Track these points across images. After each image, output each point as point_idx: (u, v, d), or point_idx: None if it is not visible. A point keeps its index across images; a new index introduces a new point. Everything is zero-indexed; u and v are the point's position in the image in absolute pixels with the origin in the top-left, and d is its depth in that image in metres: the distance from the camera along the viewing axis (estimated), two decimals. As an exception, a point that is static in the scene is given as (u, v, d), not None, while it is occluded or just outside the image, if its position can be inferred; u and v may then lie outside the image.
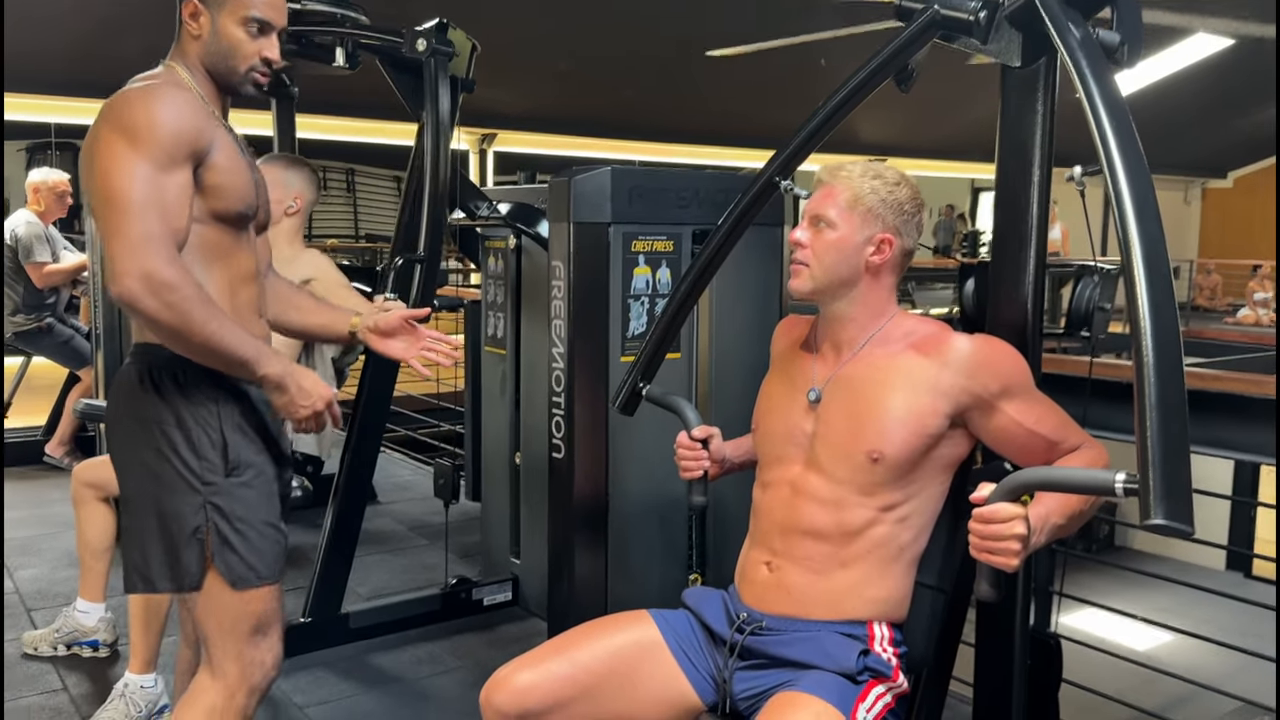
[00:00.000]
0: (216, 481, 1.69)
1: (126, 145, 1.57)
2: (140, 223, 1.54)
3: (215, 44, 1.73)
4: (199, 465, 1.68)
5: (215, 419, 1.70)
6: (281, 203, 2.90)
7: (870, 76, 1.74)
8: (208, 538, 1.68)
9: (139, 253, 1.53)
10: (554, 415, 2.55)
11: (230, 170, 1.70)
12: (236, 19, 1.72)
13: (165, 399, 1.68)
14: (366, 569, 3.75)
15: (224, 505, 1.69)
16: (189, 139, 1.62)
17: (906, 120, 12.39)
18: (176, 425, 1.68)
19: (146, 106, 1.60)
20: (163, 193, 1.58)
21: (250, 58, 1.74)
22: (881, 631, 1.63)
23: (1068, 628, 2.49)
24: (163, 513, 1.69)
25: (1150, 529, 1.17)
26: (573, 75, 10.08)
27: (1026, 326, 1.72)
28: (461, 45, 2.73)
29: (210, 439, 1.69)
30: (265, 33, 1.75)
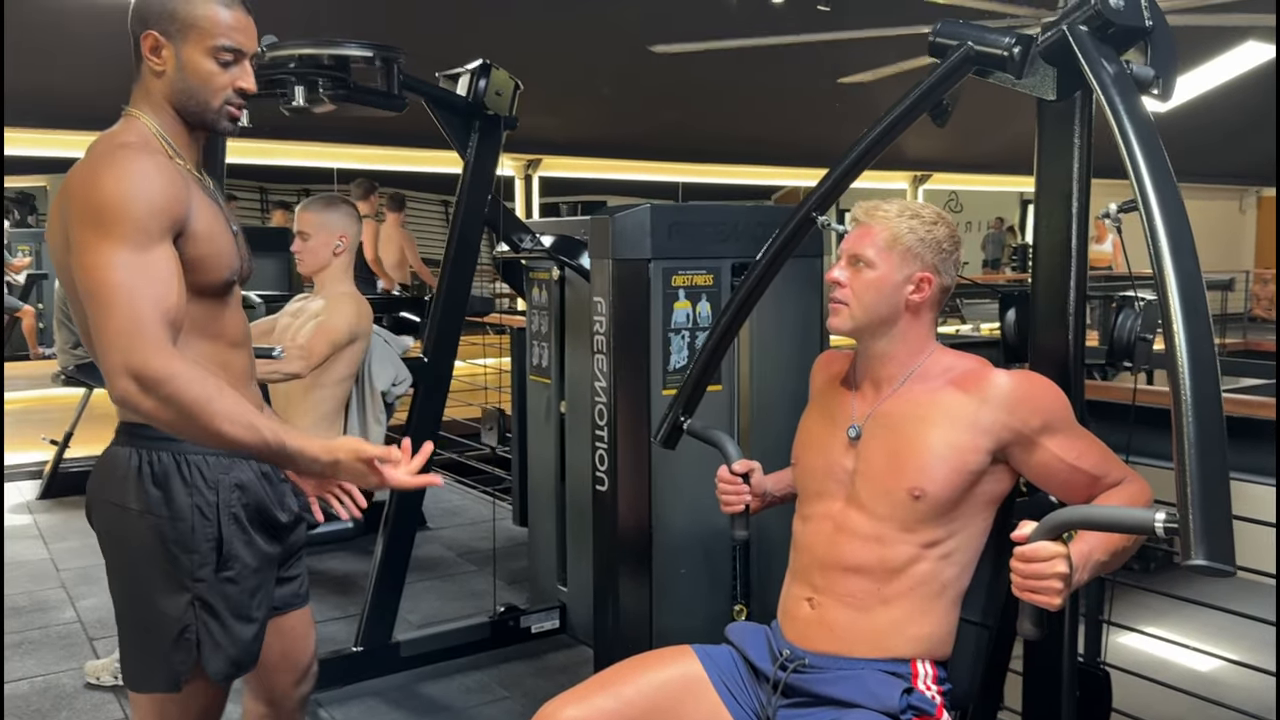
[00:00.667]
0: (206, 578, 1.58)
1: (99, 235, 1.42)
2: (122, 316, 1.40)
3: (182, 80, 1.55)
4: (188, 561, 1.57)
5: (212, 509, 1.59)
6: (328, 245, 2.95)
7: (906, 112, 1.75)
8: (195, 637, 1.58)
9: (125, 351, 1.39)
10: (597, 448, 2.58)
11: (211, 238, 1.56)
12: (204, 49, 1.54)
13: (159, 487, 1.56)
14: (416, 596, 3.79)
15: (213, 603, 1.59)
16: (164, 211, 1.47)
17: (952, 136, 12.30)
18: (171, 519, 1.56)
19: (115, 184, 1.45)
20: (145, 273, 1.43)
21: (223, 90, 1.57)
22: (925, 669, 1.62)
23: (1118, 655, 2.45)
24: (148, 613, 1.58)
25: (1191, 570, 1.16)
26: (614, 101, 10.16)
27: (1068, 357, 1.72)
28: (504, 85, 2.79)
29: (205, 532, 1.58)
30: (237, 61, 1.57)
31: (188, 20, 1.54)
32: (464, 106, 2.84)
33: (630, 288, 2.54)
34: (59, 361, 5.15)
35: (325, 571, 4.04)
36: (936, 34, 1.73)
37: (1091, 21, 1.55)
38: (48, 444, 5.32)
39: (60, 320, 5.06)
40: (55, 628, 3.51)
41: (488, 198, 2.96)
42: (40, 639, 3.41)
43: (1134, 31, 1.56)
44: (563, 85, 8.86)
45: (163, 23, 1.54)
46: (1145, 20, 1.56)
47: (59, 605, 3.72)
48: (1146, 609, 4.91)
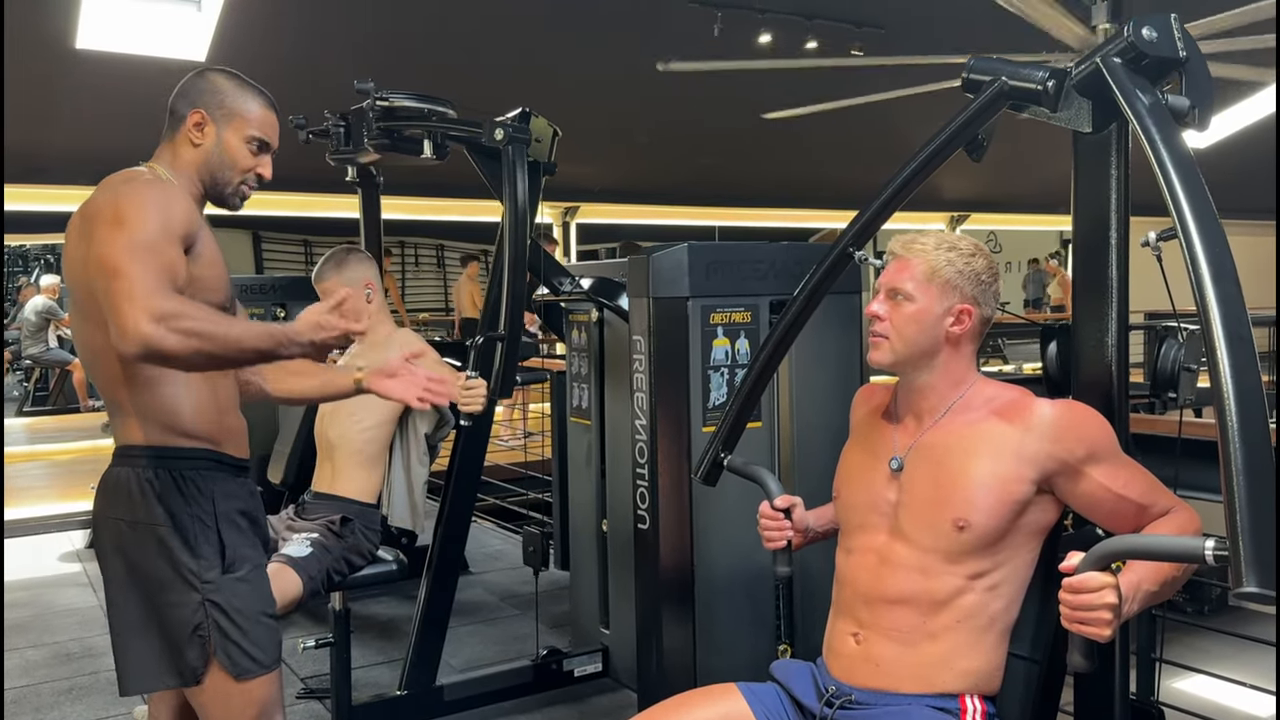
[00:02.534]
0: (214, 580, 1.75)
1: (117, 229, 1.61)
2: (138, 278, 1.55)
3: (217, 157, 1.82)
4: (196, 565, 1.73)
5: (212, 518, 1.77)
6: (360, 298, 2.99)
7: (941, 147, 1.76)
8: (209, 634, 1.74)
9: (142, 299, 1.54)
10: (638, 486, 2.58)
11: (211, 263, 1.77)
12: (241, 136, 1.82)
13: (162, 501, 1.73)
14: (459, 640, 3.79)
15: (223, 602, 1.75)
16: (177, 220, 1.68)
17: (988, 177, 12.28)
18: (174, 528, 1.73)
19: (135, 195, 1.67)
20: (158, 255, 1.61)
21: (245, 173, 1.85)
22: (974, 705, 1.60)
23: (1174, 695, 2.40)
24: (161, 614, 1.73)
25: (1242, 597, 1.15)
26: (650, 148, 10.27)
27: (1112, 388, 1.71)
28: (543, 131, 2.84)
29: (207, 538, 1.75)
30: (264, 151, 1.85)
31: (234, 110, 1.83)
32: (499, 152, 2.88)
33: (669, 326, 2.56)
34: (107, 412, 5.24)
35: (369, 616, 4.06)
36: (970, 70, 1.75)
37: (1125, 53, 1.55)
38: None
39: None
40: (105, 673, 3.54)
41: (529, 244, 3.00)
42: (90, 684, 3.45)
43: (1168, 63, 1.56)
44: (600, 134, 8.98)
45: (212, 107, 1.81)
46: (1180, 52, 1.56)
47: (108, 652, 3.72)
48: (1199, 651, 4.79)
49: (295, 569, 2.71)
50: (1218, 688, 3.94)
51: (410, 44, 7.54)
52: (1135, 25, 1.55)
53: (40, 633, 3.98)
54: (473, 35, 7.69)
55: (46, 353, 10.22)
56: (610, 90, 8.76)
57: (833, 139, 10.28)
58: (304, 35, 7.07)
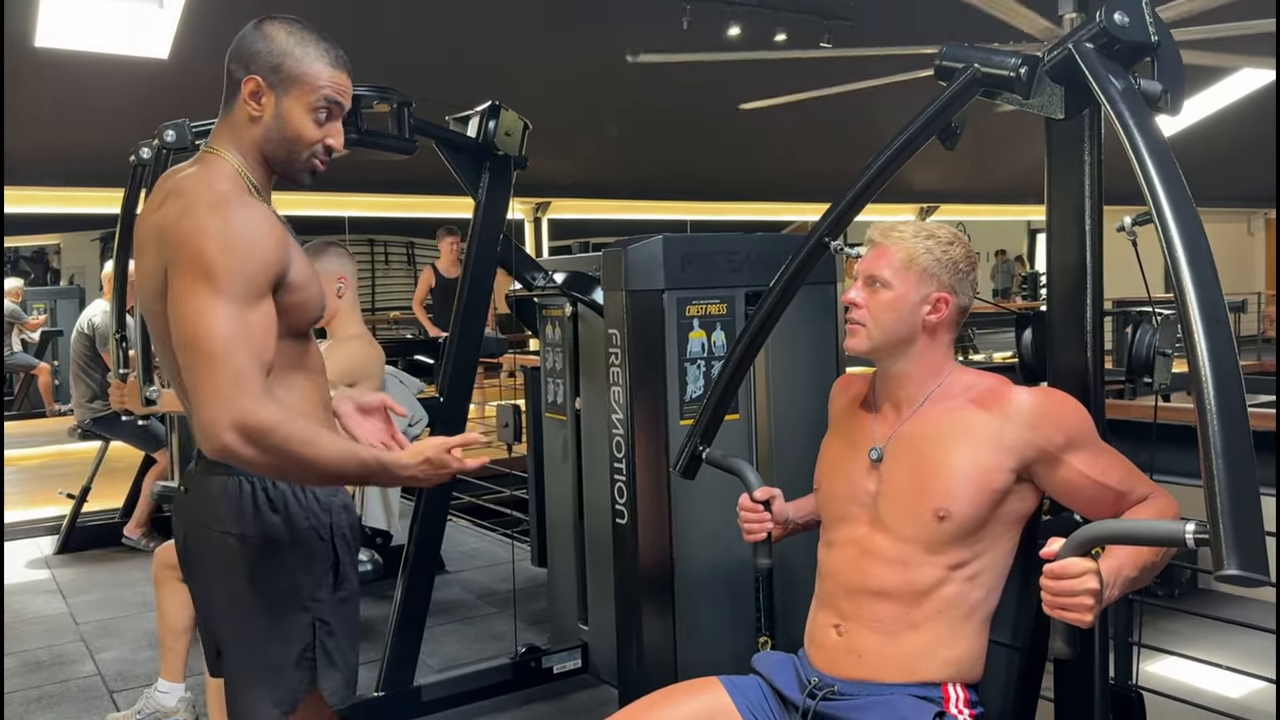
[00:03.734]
0: (325, 598, 1.62)
1: (204, 286, 1.43)
2: (227, 369, 1.41)
3: (278, 129, 1.57)
4: (308, 581, 1.61)
5: (326, 530, 1.63)
6: (331, 291, 2.95)
7: (914, 136, 1.76)
8: (316, 657, 1.60)
9: (228, 402, 1.39)
10: (616, 481, 2.57)
11: (307, 283, 1.59)
12: (305, 104, 1.56)
13: (279, 514, 1.59)
14: (436, 640, 3.77)
15: (332, 621, 1.62)
16: (271, 266, 1.49)
17: (958, 167, 12.37)
18: (291, 541, 1.59)
19: (225, 236, 1.45)
20: (249, 328, 1.44)
21: (313, 145, 1.59)
22: (957, 693, 1.60)
23: (1150, 679, 2.42)
24: (271, 634, 1.60)
25: (1224, 580, 1.15)
26: (621, 142, 10.26)
27: (1088, 375, 1.71)
28: (513, 125, 2.81)
29: (323, 553, 1.62)
30: (332, 118, 1.60)
31: (294, 74, 1.56)
32: (474, 147, 2.86)
33: (645, 319, 2.55)
34: (75, 416, 5.17)
35: (344, 617, 4.02)
36: (942, 57, 1.74)
37: (1097, 39, 1.55)
38: (65, 498, 5.33)
39: (77, 375, 5.09)
40: (75, 681, 3.49)
41: (500, 237, 2.98)
42: (60, 693, 3.40)
43: (1140, 47, 1.56)
44: (570, 128, 8.95)
45: (267, 72, 1.55)
46: (1151, 36, 1.56)
47: (79, 659, 3.71)
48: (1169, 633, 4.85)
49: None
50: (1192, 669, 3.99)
51: (376, 39, 7.49)
52: (1107, 10, 1.55)
53: (8, 641, 3.91)
54: (442, 30, 7.64)
55: (10, 357, 10.06)
56: (580, 84, 8.74)
57: (803, 132, 10.30)
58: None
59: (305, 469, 1.46)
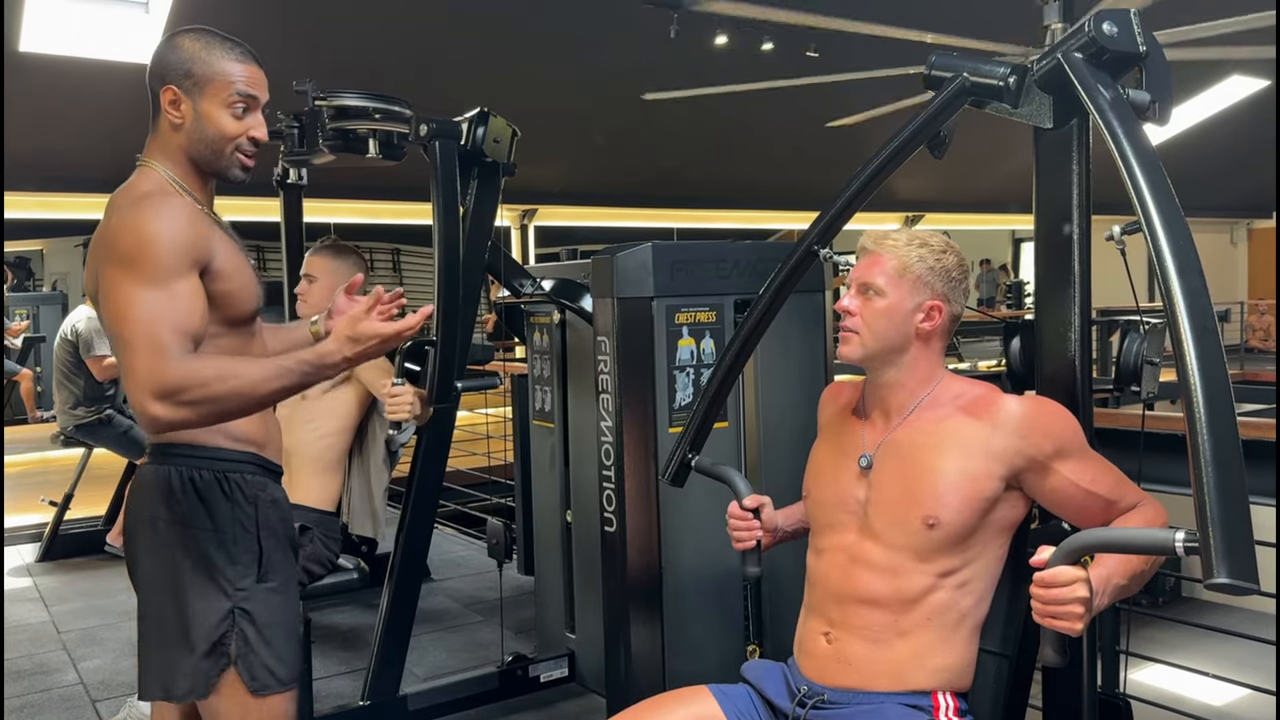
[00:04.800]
0: (248, 588, 1.67)
1: (125, 275, 1.53)
2: (146, 346, 1.48)
3: (199, 130, 1.66)
4: (231, 571, 1.66)
5: (252, 522, 1.69)
6: (333, 290, 2.97)
7: (903, 144, 1.76)
8: (231, 644, 1.66)
9: (148, 375, 1.47)
10: (604, 489, 2.56)
11: (235, 273, 1.66)
12: (220, 100, 1.65)
13: (204, 502, 1.66)
14: (423, 648, 3.75)
15: (253, 611, 1.67)
16: (186, 249, 1.57)
17: (943, 176, 12.43)
18: (214, 530, 1.66)
19: (139, 227, 1.55)
20: (169, 304, 1.52)
21: (235, 139, 1.68)
22: (946, 701, 1.60)
23: (1137, 687, 2.43)
24: (189, 619, 1.65)
25: (1214, 588, 1.15)
26: (609, 149, 10.27)
27: (1075, 383, 1.71)
28: (501, 132, 2.80)
29: (247, 543, 1.68)
30: (250, 111, 1.69)
31: (205, 76, 1.65)
32: (463, 154, 2.85)
33: (634, 326, 2.54)
34: (58, 423, 5.13)
35: (330, 626, 4.00)
36: (932, 66, 1.75)
37: (1086, 48, 1.56)
38: (47, 506, 5.28)
39: (60, 381, 5.05)
40: (58, 690, 3.46)
41: (488, 244, 2.97)
42: (42, 702, 3.36)
43: (1129, 57, 1.58)
44: (558, 135, 8.95)
45: (181, 79, 1.65)
46: (1140, 46, 1.57)
47: (61, 668, 3.67)
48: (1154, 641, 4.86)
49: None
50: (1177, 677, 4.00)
51: (366, 46, 7.48)
52: (1096, 20, 1.56)
53: (-11, 650, 3.87)
54: (433, 37, 7.64)
55: (-7, 363, 9.99)
56: (569, 91, 8.74)
57: (792, 141, 10.34)
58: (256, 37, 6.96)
59: (244, 400, 1.52)
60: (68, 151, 7.85)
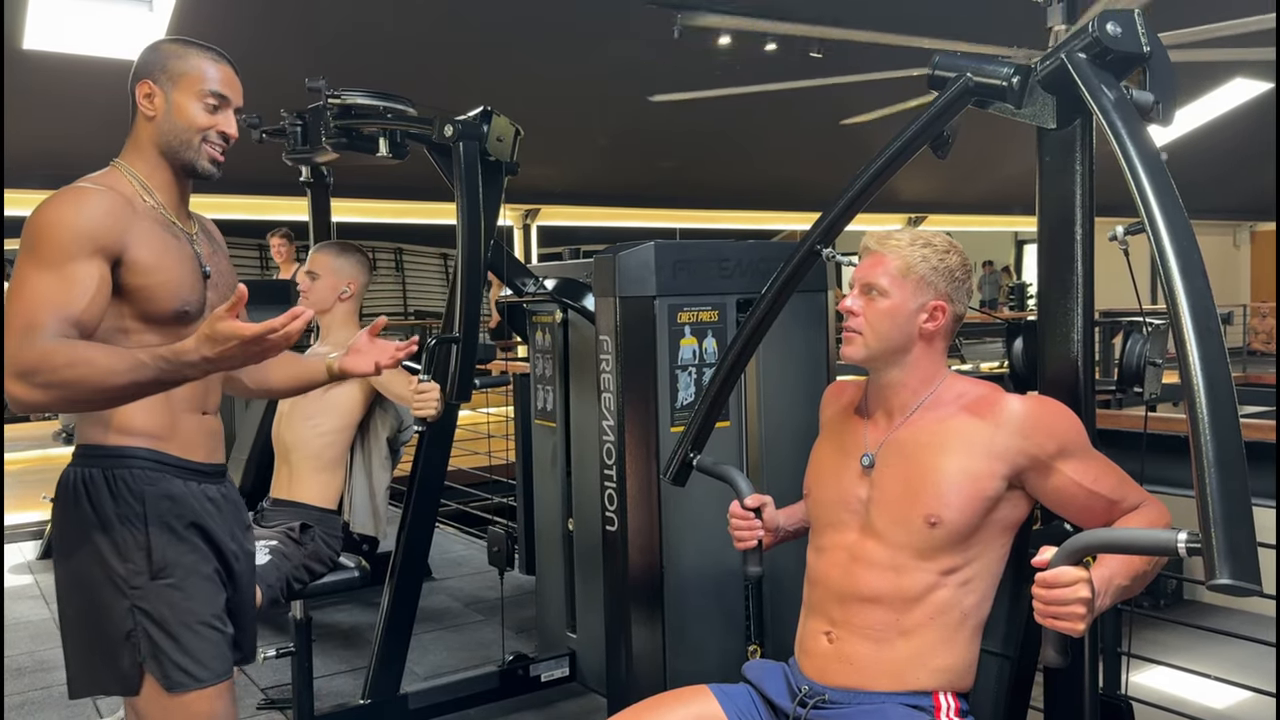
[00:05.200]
0: (142, 585, 1.66)
1: (24, 258, 1.55)
2: (21, 328, 1.48)
3: (170, 122, 1.71)
4: (124, 569, 1.66)
5: (140, 519, 1.68)
6: (335, 289, 2.98)
7: (906, 144, 1.76)
8: (139, 642, 1.66)
9: (11, 355, 1.47)
10: (606, 488, 2.56)
11: (157, 269, 1.65)
12: (193, 94, 1.71)
13: (93, 502, 1.67)
14: (423, 647, 3.75)
15: (150, 609, 1.66)
16: (88, 235, 1.57)
17: (945, 177, 12.42)
18: (102, 529, 1.66)
19: (46, 213, 1.58)
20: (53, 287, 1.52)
21: (205, 130, 1.72)
22: (948, 702, 1.60)
23: (1138, 689, 2.42)
24: (96, 618, 1.67)
25: (1217, 589, 1.15)
26: (611, 149, 10.27)
27: (1078, 384, 1.71)
28: (505, 131, 2.80)
29: (135, 540, 1.67)
30: (222, 108, 1.74)
31: (179, 71, 1.72)
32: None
33: (636, 325, 2.54)
34: (60, 420, 5.14)
35: (331, 624, 4.00)
36: (935, 66, 1.75)
37: (1090, 49, 1.56)
38: (47, 503, 5.28)
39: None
40: (58, 687, 3.46)
41: (490, 243, 2.97)
42: (43, 699, 3.36)
43: (1132, 58, 1.57)
44: (560, 135, 8.95)
45: (157, 74, 1.72)
46: (1143, 47, 1.57)
47: (61, 665, 3.65)
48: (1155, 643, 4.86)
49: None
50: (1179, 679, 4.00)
51: (370, 44, 7.48)
52: (1100, 21, 1.56)
53: (-10, 647, 3.87)
54: (434, 36, 7.64)
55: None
56: (571, 91, 8.74)
57: (794, 141, 10.33)
58: (260, 35, 6.98)
59: (94, 390, 1.48)
60: (70, 149, 7.82)
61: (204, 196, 1.88)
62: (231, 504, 1.86)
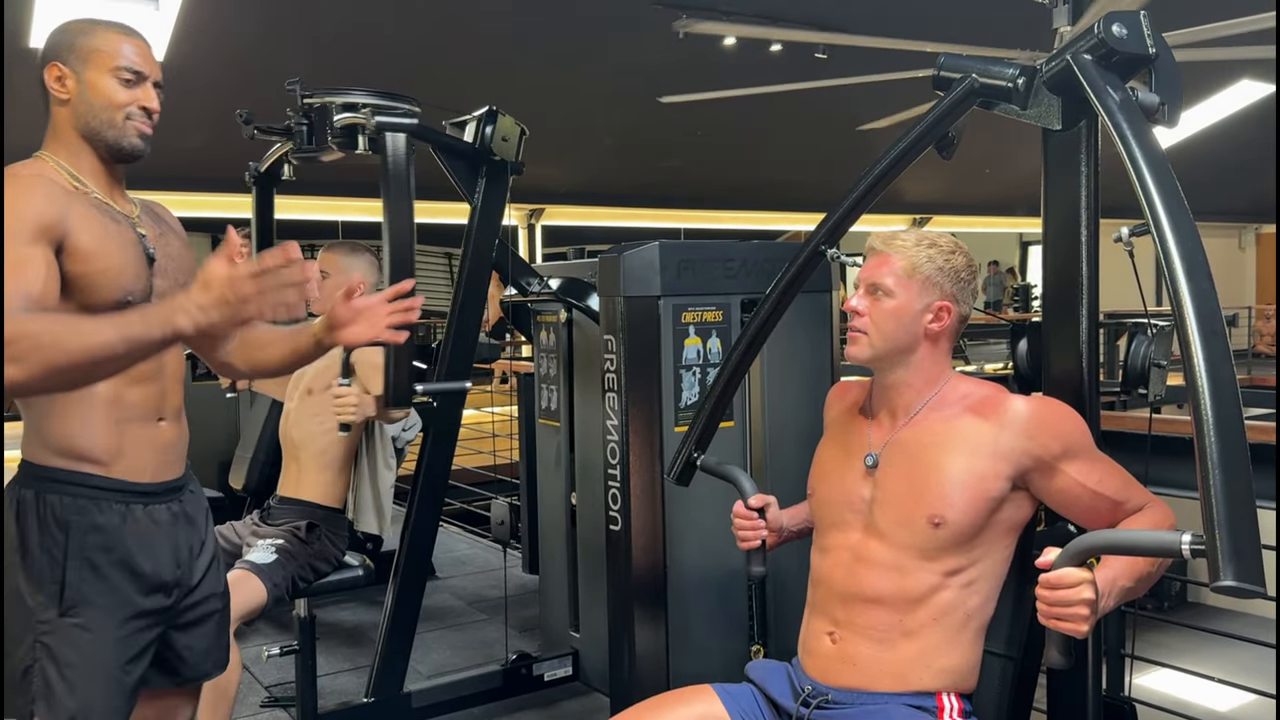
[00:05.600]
0: (49, 620, 1.54)
1: None
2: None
3: (85, 102, 1.61)
4: (34, 600, 1.54)
5: (60, 550, 1.55)
6: (343, 288, 2.97)
7: (911, 145, 1.76)
8: (34, 679, 1.54)
9: None
10: (610, 487, 2.56)
11: (96, 257, 1.54)
12: (105, 70, 1.61)
13: (19, 522, 1.56)
14: (427, 646, 3.75)
15: (53, 646, 1.54)
16: (29, 219, 1.48)
17: (950, 179, 12.41)
18: (21, 552, 1.55)
19: None
20: (11, 271, 1.42)
21: (125, 106, 1.62)
22: (951, 703, 1.60)
23: (1142, 690, 2.42)
24: (7, 643, 1.56)
25: (1221, 591, 1.15)
26: (616, 149, 10.27)
27: (1082, 385, 1.71)
28: (510, 131, 2.81)
29: (50, 573, 1.54)
30: (139, 82, 1.63)
31: (87, 49, 1.63)
32: (471, 152, 2.86)
33: (640, 325, 2.55)
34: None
35: (335, 623, 4.01)
36: (941, 67, 1.75)
37: (1095, 50, 1.56)
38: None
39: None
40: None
41: (495, 243, 2.98)
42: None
43: (1138, 59, 1.57)
44: (565, 134, 8.96)
45: (64, 55, 1.63)
46: (1149, 48, 1.57)
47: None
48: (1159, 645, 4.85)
49: (259, 575, 2.66)
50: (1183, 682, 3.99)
51: (374, 43, 7.49)
52: (1105, 22, 1.56)
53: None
54: (438, 36, 7.64)
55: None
56: (576, 91, 8.74)
57: (798, 142, 10.33)
58: (264, 34, 7.00)
59: (82, 358, 1.35)
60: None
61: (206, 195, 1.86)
62: (185, 520, 1.72)
